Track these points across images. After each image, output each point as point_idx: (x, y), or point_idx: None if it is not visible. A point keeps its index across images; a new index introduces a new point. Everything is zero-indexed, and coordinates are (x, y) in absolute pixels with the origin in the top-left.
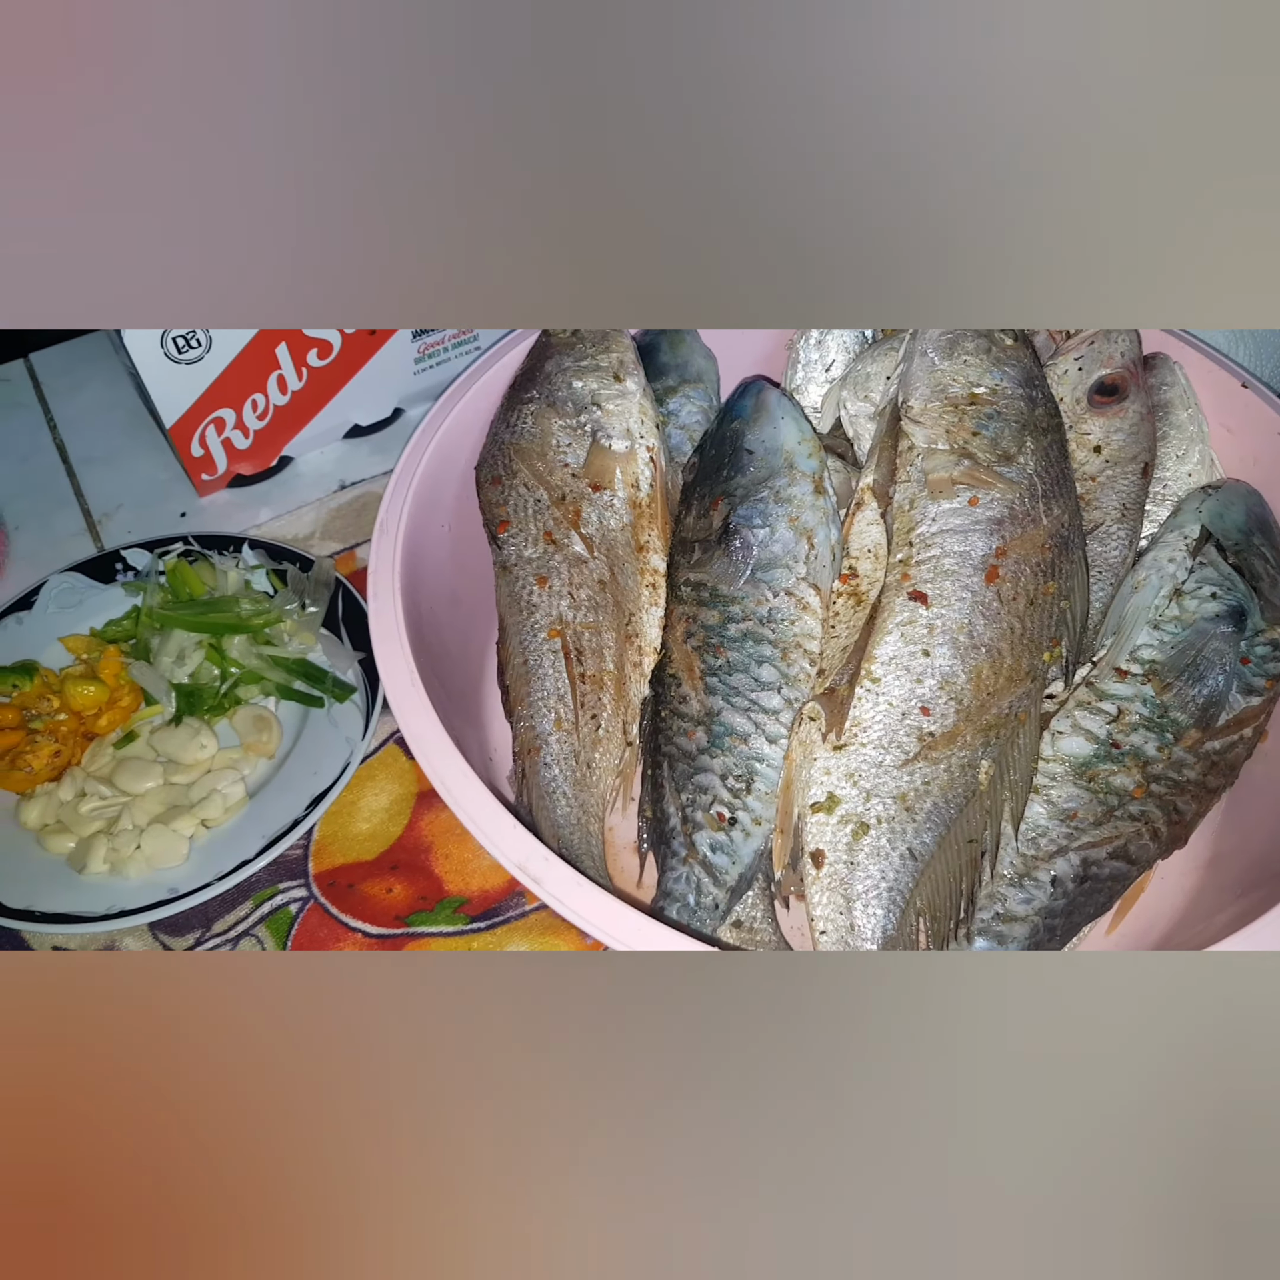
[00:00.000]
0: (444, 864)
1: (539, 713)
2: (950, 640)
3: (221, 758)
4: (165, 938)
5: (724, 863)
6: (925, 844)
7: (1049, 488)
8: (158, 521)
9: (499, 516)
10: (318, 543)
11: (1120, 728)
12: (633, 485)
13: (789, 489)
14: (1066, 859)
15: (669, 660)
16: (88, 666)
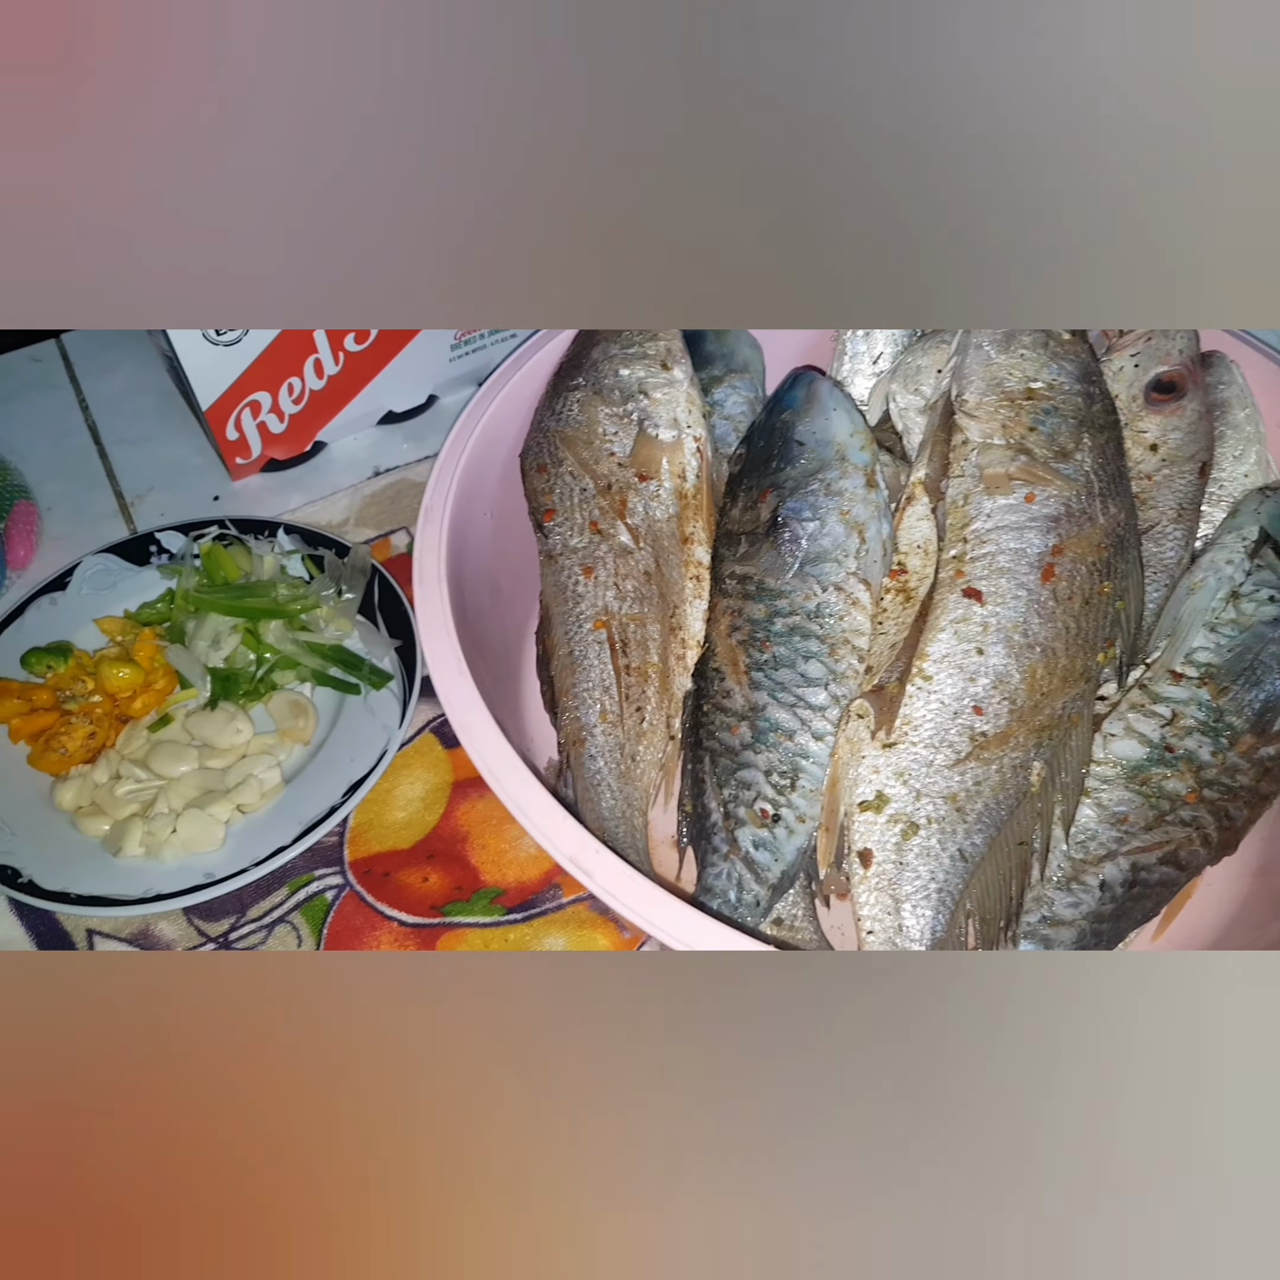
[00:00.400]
0: (480, 854)
1: (584, 704)
2: (1005, 639)
3: (257, 743)
4: (200, 923)
5: (766, 860)
6: (976, 845)
7: (1106, 486)
8: (190, 505)
9: (545, 505)
10: (352, 529)
11: (1174, 731)
12: (679, 476)
13: (840, 481)
14: (1116, 863)
15: (712, 654)
16: (122, 649)
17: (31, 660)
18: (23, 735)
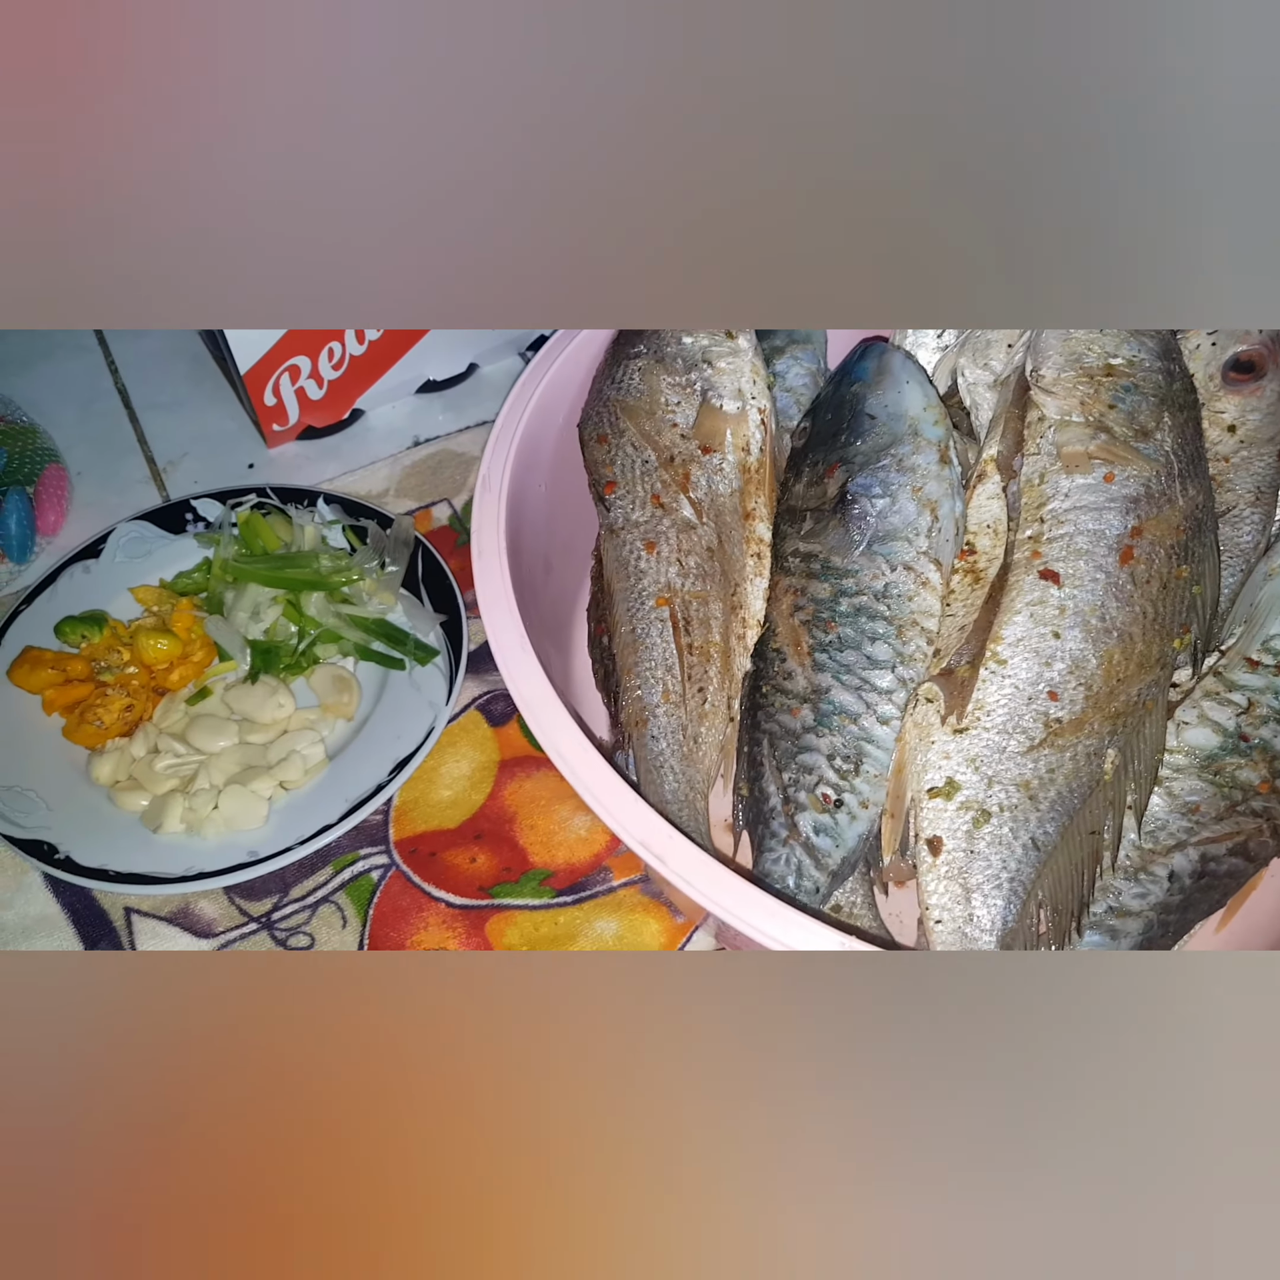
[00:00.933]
0: (529, 835)
1: (647, 684)
2: (1082, 623)
3: (299, 718)
4: (241, 902)
5: (827, 845)
6: (1048, 834)
7: (1185, 467)
8: (224, 472)
9: (606, 476)
10: (392, 500)
11: (1250, 720)
12: (743, 449)
13: (913, 457)
14: (1185, 854)
15: (773, 634)
16: (159, 619)
17: (66, 630)
18: (57, 707)
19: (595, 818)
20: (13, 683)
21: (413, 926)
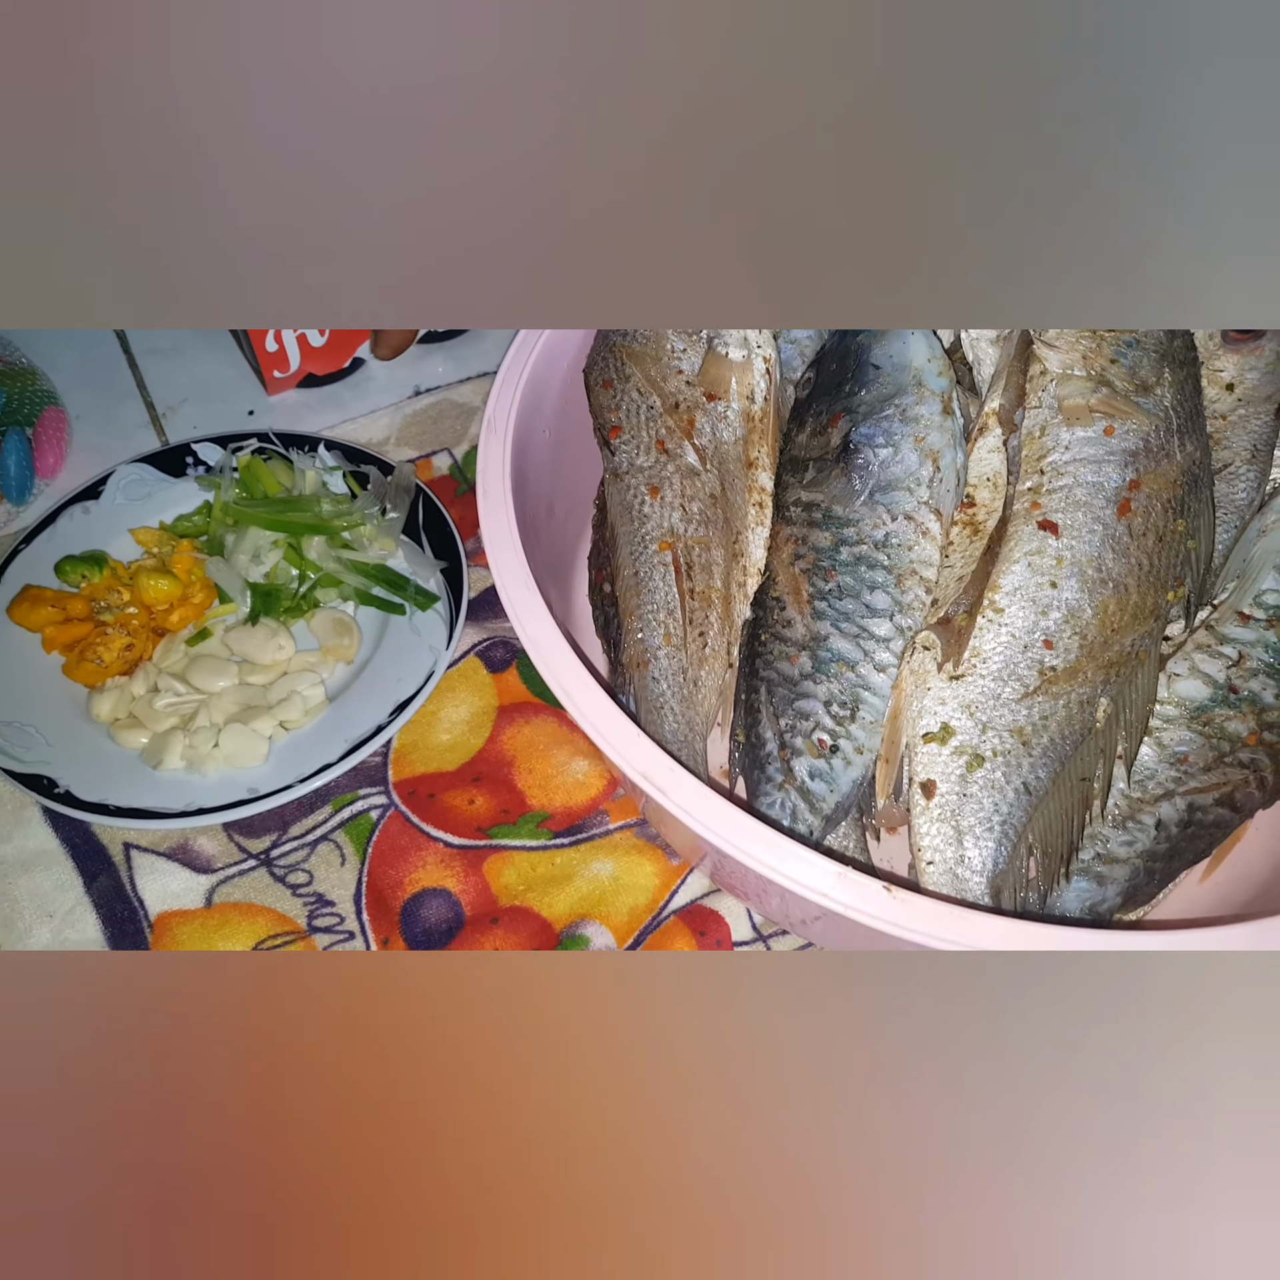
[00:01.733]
0: (527, 779)
1: (649, 626)
2: (1079, 573)
3: (299, 660)
4: (240, 839)
5: (822, 790)
6: (1040, 779)
7: (1184, 423)
8: (224, 418)
9: (610, 421)
10: (392, 448)
11: (1240, 673)
12: (747, 397)
13: (916, 408)
14: (1172, 803)
15: (773, 583)
16: (159, 560)
17: (66, 569)
18: (57, 645)
19: (593, 762)
20: (12, 620)
21: (411, 865)
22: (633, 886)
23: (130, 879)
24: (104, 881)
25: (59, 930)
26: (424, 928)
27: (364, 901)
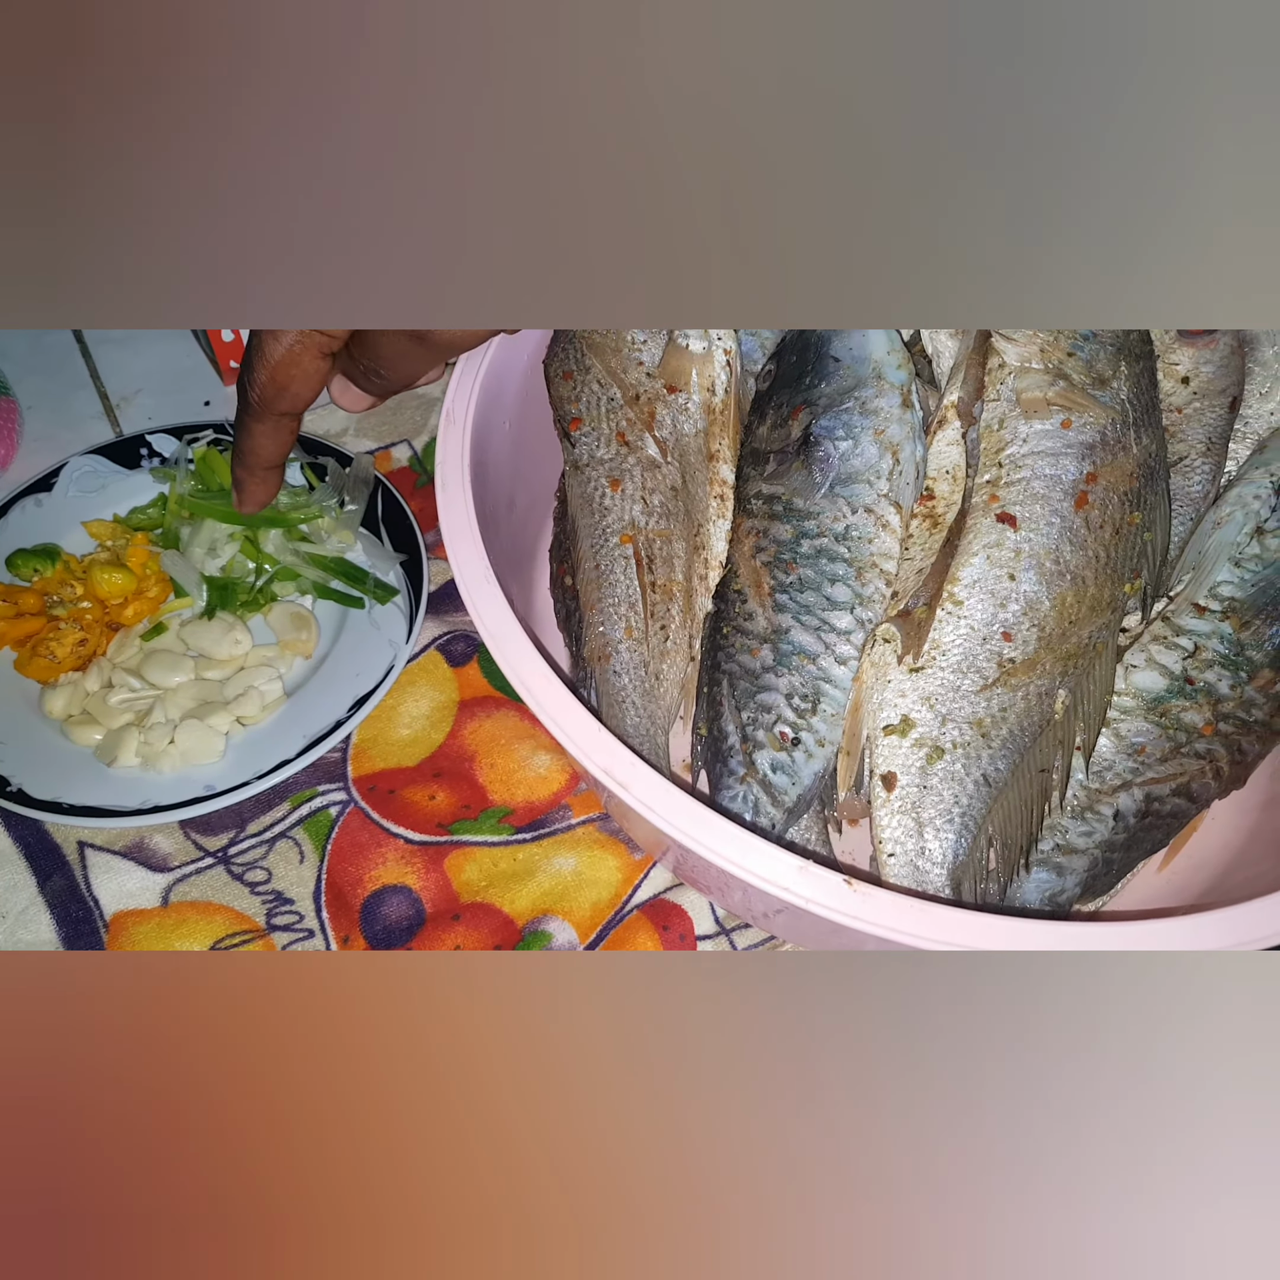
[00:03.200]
0: (489, 773)
1: (610, 619)
2: (1037, 565)
3: (256, 655)
4: (197, 837)
5: (784, 783)
6: (999, 771)
7: (1140, 416)
8: (180, 408)
9: (571, 413)
10: (351, 440)
11: (1195, 664)
12: (708, 389)
13: (876, 400)
14: (1130, 794)
15: (734, 576)
16: (113, 554)
17: (17, 562)
18: (8, 640)
19: (555, 757)
20: None
21: (371, 862)
22: (595, 881)
23: (85, 878)
24: (58, 881)
25: (11, 931)
26: (384, 925)
27: (323, 899)
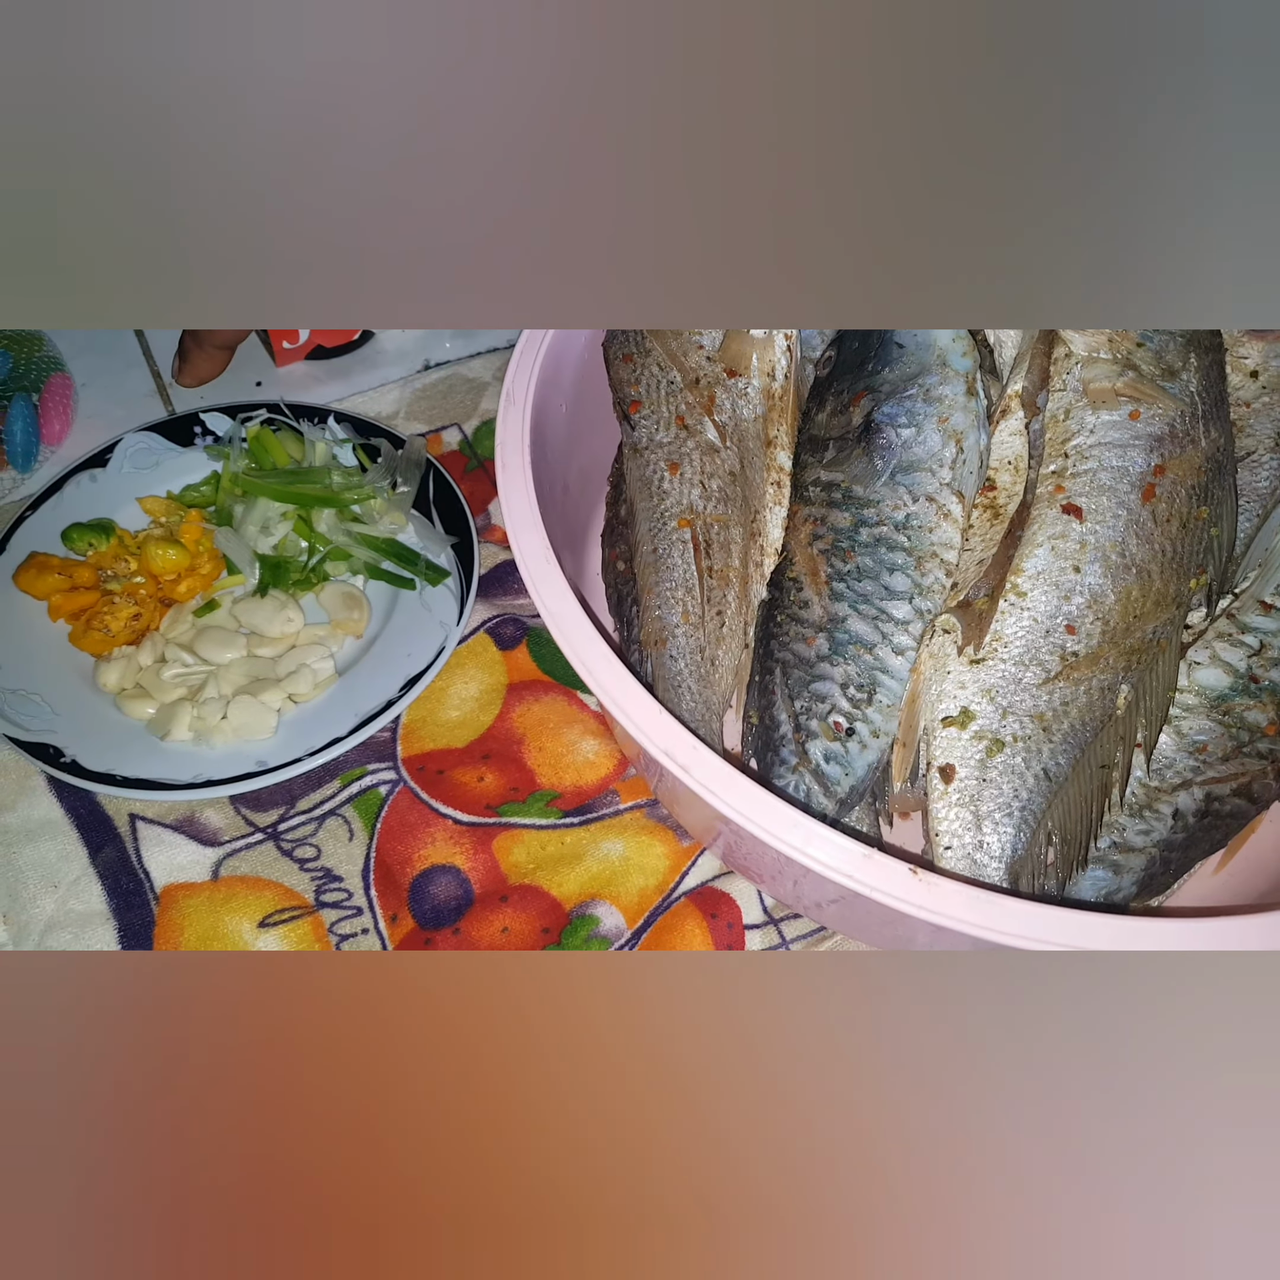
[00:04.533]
0: (537, 756)
1: (667, 603)
2: (1102, 558)
3: (308, 633)
4: (248, 812)
5: (837, 774)
6: (1060, 766)
7: (1209, 409)
8: (232, 389)
9: (630, 396)
10: (402, 423)
11: (1261, 662)
12: (768, 374)
13: (940, 388)
14: (1190, 793)
15: (790, 563)
16: (167, 530)
17: (73, 536)
18: (63, 613)
19: (603, 742)
20: (19, 588)
21: (420, 841)
22: (643, 867)
23: (136, 850)
24: (109, 853)
25: (63, 901)
26: (433, 904)
27: (372, 877)
